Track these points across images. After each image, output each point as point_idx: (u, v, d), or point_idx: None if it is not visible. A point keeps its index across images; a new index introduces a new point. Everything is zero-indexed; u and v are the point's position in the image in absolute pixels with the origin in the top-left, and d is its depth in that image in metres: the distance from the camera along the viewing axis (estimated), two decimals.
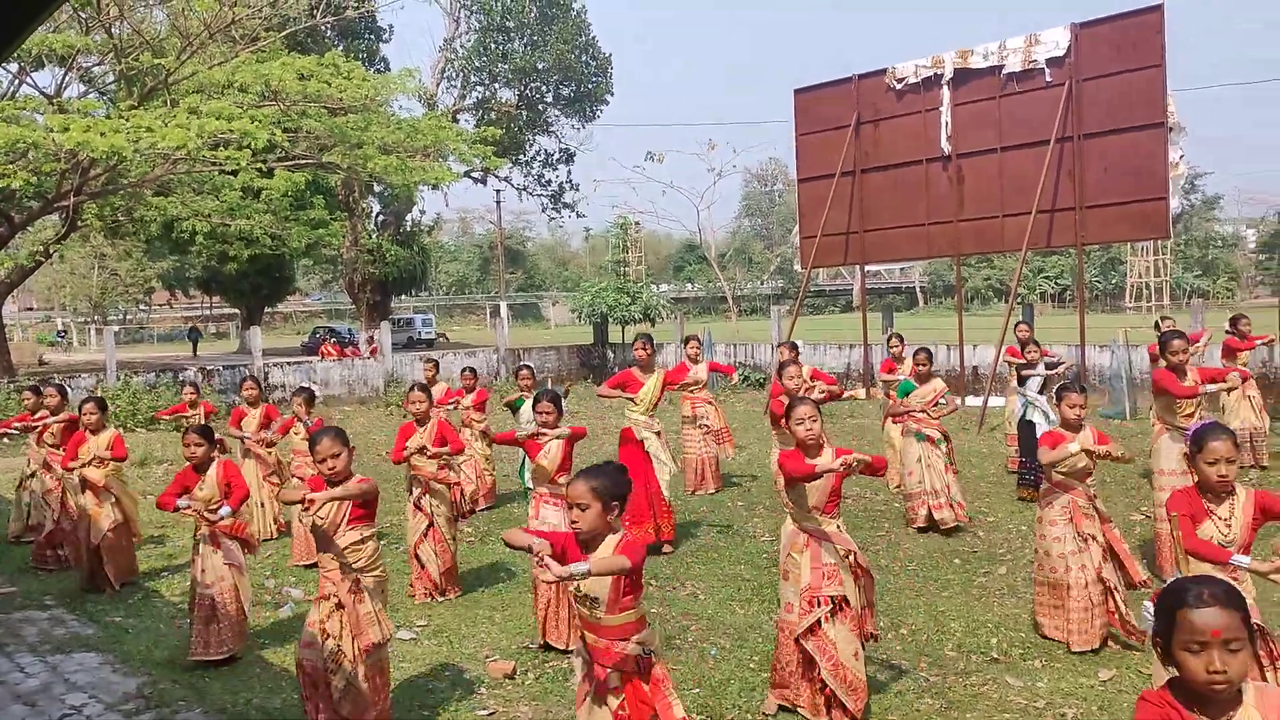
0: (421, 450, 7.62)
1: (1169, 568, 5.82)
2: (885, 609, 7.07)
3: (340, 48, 29.09)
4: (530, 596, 6.93)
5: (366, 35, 35.34)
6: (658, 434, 8.97)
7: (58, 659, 6.57)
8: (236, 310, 47.47)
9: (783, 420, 5.70)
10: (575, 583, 3.71)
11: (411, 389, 8.01)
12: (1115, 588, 6.19)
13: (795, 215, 22.21)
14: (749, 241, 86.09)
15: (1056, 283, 65.27)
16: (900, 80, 18.92)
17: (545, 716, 5.49)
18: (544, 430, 6.92)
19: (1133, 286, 33.91)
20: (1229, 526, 4.32)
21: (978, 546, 8.81)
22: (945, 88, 18.26)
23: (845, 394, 9.72)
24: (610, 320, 26.76)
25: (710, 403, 11.75)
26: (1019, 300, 22.78)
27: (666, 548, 8.87)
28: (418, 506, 7.71)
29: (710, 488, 11.53)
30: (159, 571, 8.91)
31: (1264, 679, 4.12)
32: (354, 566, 5.03)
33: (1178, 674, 2.51)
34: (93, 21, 19.52)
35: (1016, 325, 13.13)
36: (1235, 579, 4.04)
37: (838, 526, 5.15)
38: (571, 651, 4.08)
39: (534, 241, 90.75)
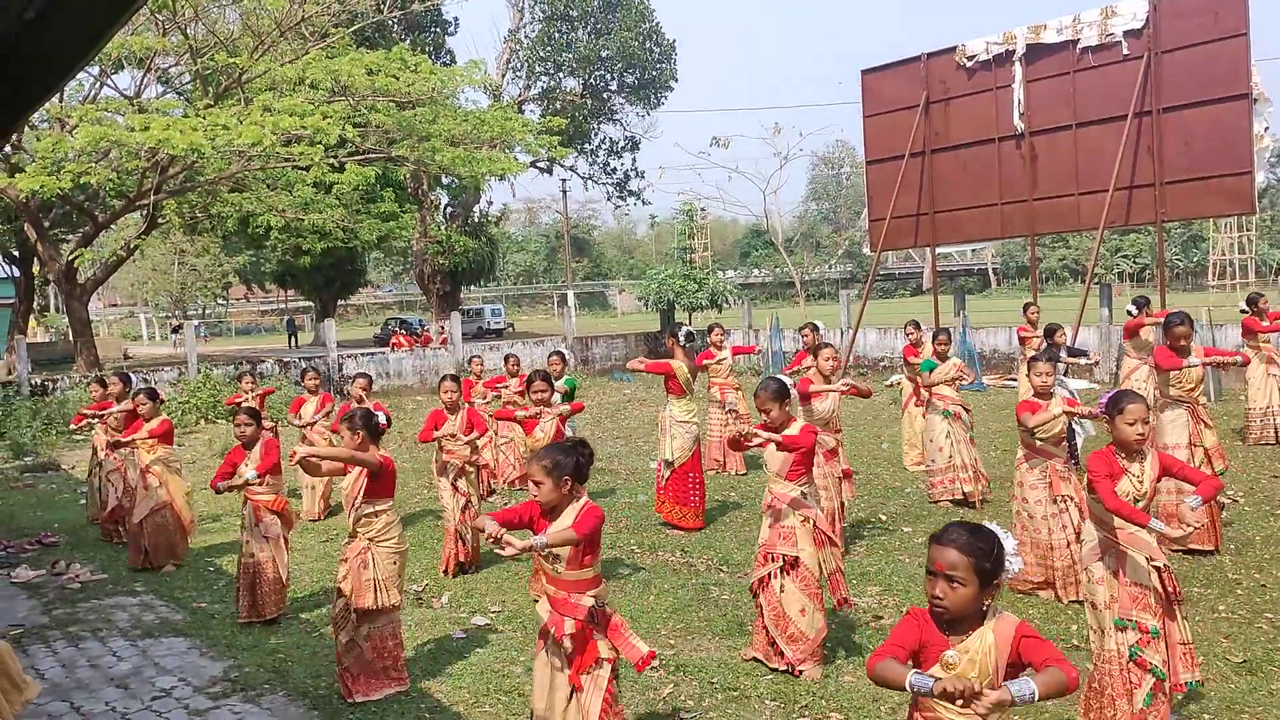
0: (452, 436, 8.22)
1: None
2: (891, 586, 6.98)
3: (407, 41, 29.41)
4: None
5: (432, 28, 35.68)
6: (682, 423, 9.29)
7: (148, 643, 6.80)
8: (311, 303, 48.39)
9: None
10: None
11: (443, 380, 8.54)
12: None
13: (863, 198, 21.95)
14: (816, 225, 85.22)
15: (1135, 261, 63.42)
16: (970, 58, 18.57)
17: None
18: (544, 409, 7.84)
19: (1215, 264, 32.84)
20: (1141, 483, 4.74)
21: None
22: (1018, 64, 17.88)
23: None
24: (677, 307, 26.73)
25: (737, 388, 12.03)
26: (1096, 280, 22.23)
27: (692, 532, 9.20)
28: (455, 488, 8.27)
29: (737, 469, 11.74)
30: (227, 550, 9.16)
31: (1173, 614, 4.69)
32: (366, 536, 5.62)
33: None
34: (169, 23, 20.03)
35: (1026, 306, 12.95)
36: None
37: (803, 494, 5.71)
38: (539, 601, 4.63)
39: (600, 230, 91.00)
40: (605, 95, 38.39)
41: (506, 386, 11.91)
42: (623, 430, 16.35)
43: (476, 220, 40.15)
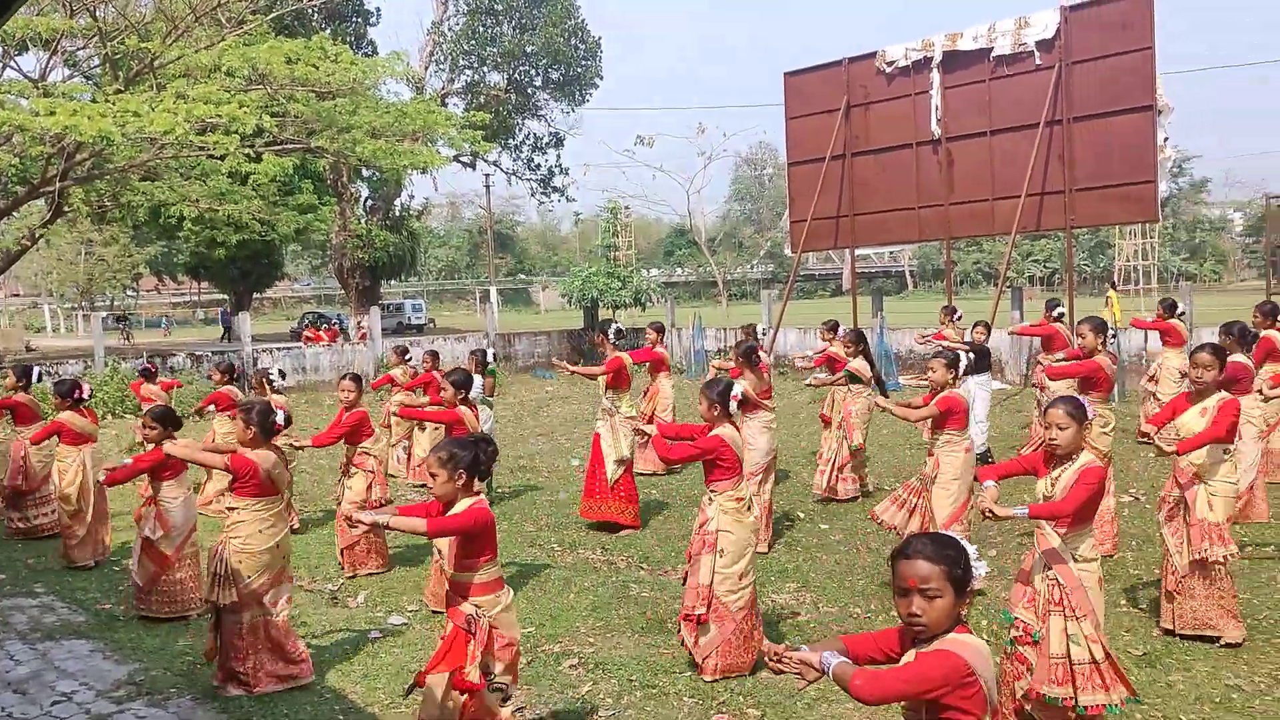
0: (341, 439, 8.13)
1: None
2: (877, 591, 7.12)
3: (327, 31, 28.85)
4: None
5: (354, 18, 35.07)
6: (612, 417, 9.16)
7: (47, 646, 6.56)
8: (225, 296, 47.20)
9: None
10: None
11: (343, 378, 8.44)
12: None
13: (785, 199, 22.20)
14: (739, 225, 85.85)
15: (1046, 265, 65.31)
16: (890, 63, 18.89)
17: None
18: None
19: (1121, 269, 33.97)
20: (1053, 486, 4.82)
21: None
22: (935, 71, 18.25)
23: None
24: (600, 305, 26.73)
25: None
26: (1008, 283, 22.84)
27: (626, 531, 9.04)
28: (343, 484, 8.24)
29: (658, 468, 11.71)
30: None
31: (1063, 619, 4.63)
32: (225, 531, 5.64)
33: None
34: (77, 4, 19.33)
35: (945, 308, 13.46)
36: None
37: (709, 499, 5.71)
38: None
39: (524, 226, 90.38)
40: (530, 91, 38.14)
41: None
42: (544, 427, 16.28)
43: (397, 214, 39.54)
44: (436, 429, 11.05)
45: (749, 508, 5.77)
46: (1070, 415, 4.80)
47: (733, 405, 5.75)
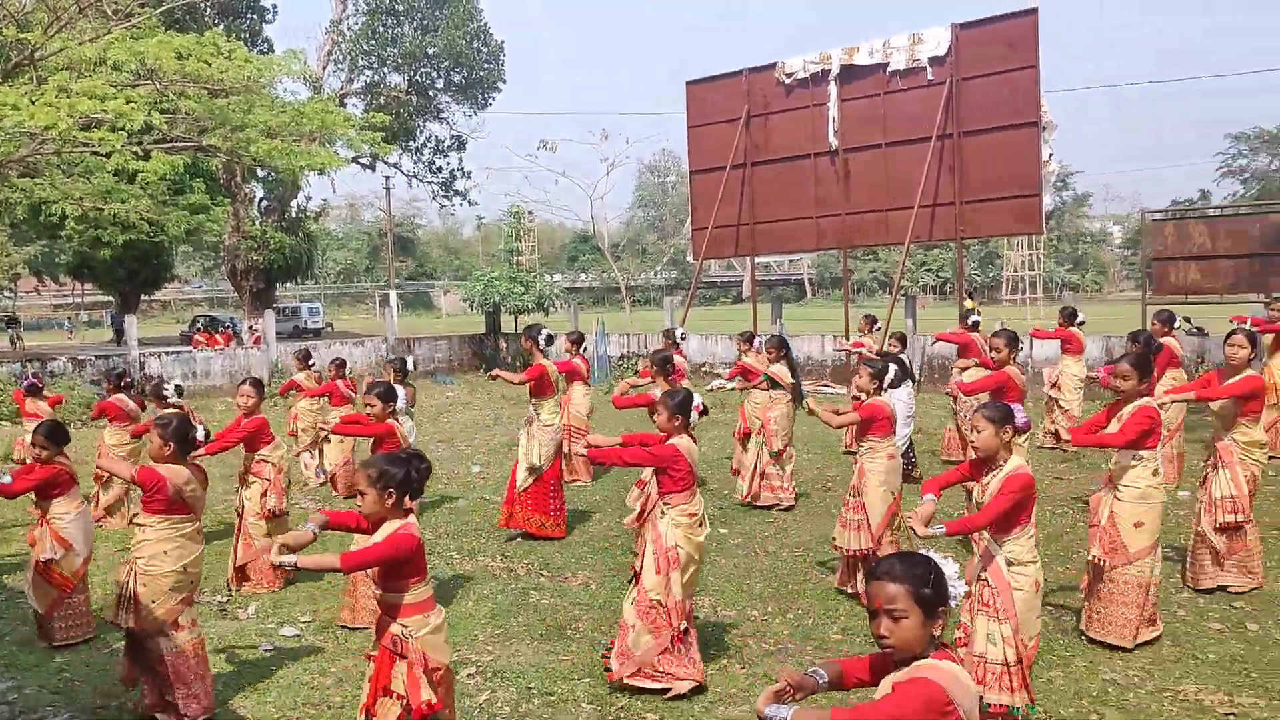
0: (238, 444, 7.94)
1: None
2: (774, 594, 7.24)
3: (221, 27, 28.07)
4: None
5: (249, 14, 34.13)
6: (531, 424, 9.05)
7: None
8: (110, 298, 45.42)
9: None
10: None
11: (243, 383, 8.23)
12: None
13: (688, 206, 22.40)
14: (642, 232, 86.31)
15: (939, 275, 67.30)
16: (789, 75, 19.24)
17: None
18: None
19: (1009, 280, 35.27)
20: (984, 493, 4.91)
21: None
22: (833, 83, 18.64)
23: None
24: (503, 310, 26.56)
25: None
26: (903, 292, 23.45)
27: (518, 539, 8.97)
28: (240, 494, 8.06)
29: (583, 479, 11.68)
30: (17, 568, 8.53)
31: (987, 620, 4.79)
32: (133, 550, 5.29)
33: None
34: None
35: (866, 318, 14.00)
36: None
37: (660, 512, 5.50)
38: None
39: (425, 229, 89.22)
40: (431, 93, 37.71)
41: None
42: (444, 434, 16.10)
43: (294, 215, 38.64)
44: (344, 439, 10.85)
45: (701, 524, 5.58)
46: (987, 418, 4.90)
47: (694, 416, 5.60)
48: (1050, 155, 16.69)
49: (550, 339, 9.48)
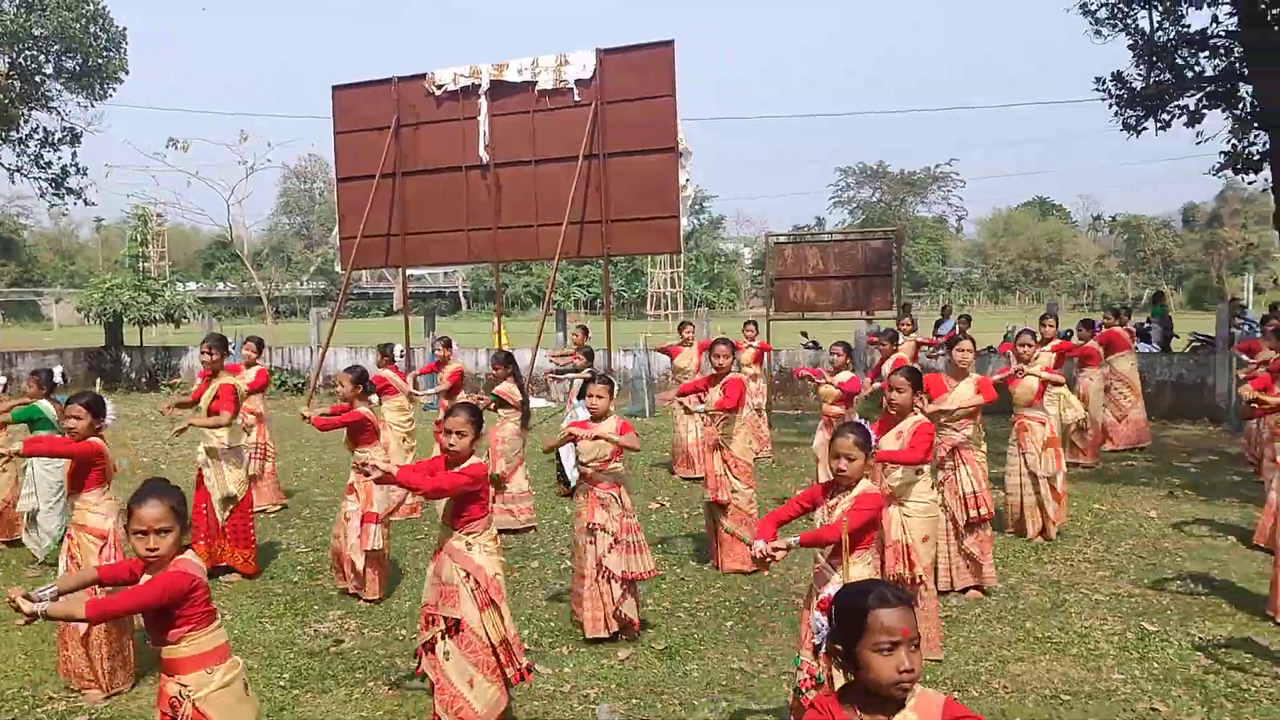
0: None
1: None
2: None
3: None
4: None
5: None
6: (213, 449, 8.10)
7: None
8: None
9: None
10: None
11: None
12: (616, 577, 6.39)
13: (336, 215, 21.59)
14: (287, 240, 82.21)
15: (589, 290, 69.76)
16: (440, 86, 19.09)
17: None
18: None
19: (652, 296, 37.22)
20: (830, 515, 4.71)
21: (512, 543, 9.13)
22: (483, 98, 18.73)
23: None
24: (127, 320, 24.24)
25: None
26: (555, 306, 24.04)
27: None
28: None
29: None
30: None
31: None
32: None
33: (855, 678, 2.61)
34: None
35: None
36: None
37: (466, 544, 4.94)
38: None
39: (32, 230, 79.47)
40: (39, 79, 33.79)
41: None
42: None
43: None
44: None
45: (499, 549, 5.16)
46: (858, 445, 4.69)
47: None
48: (687, 180, 17.77)
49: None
